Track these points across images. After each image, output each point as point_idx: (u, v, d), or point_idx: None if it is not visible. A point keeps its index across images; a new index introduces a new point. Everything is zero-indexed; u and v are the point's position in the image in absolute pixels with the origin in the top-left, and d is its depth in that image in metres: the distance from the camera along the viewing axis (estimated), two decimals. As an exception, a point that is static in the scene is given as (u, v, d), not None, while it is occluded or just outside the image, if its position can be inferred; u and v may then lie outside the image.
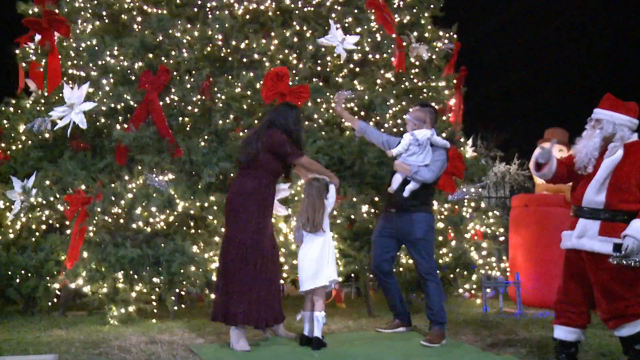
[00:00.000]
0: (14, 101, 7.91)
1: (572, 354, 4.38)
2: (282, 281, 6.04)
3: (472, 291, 7.72)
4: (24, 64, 8.15)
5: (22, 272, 6.71)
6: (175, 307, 6.29)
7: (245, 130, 6.72)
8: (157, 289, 6.15)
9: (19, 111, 7.73)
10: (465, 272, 7.56)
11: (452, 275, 7.46)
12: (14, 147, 7.58)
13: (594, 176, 4.20)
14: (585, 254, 4.22)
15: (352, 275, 6.83)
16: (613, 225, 4.08)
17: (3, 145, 7.70)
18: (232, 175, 6.40)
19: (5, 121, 7.69)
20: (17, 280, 6.73)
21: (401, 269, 6.64)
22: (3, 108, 7.80)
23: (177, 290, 6.27)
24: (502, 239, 8.09)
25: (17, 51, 8.11)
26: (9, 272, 6.80)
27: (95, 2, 7.70)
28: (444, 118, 7.91)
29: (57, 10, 7.41)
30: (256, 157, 4.99)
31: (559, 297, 4.48)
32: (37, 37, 7.56)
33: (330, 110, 7.03)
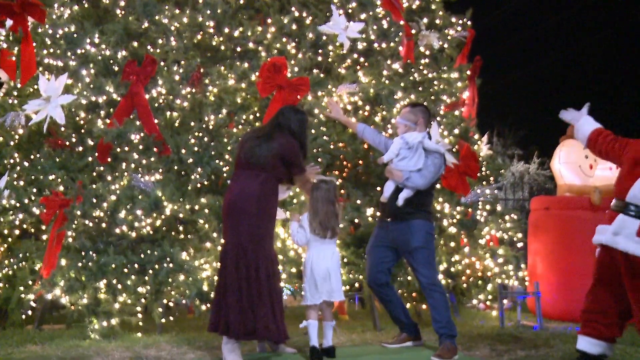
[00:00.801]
0: (-17, 94, 7.91)
1: None
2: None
3: (488, 302, 7.72)
4: (-6, 53, 8.15)
5: (-6, 281, 6.73)
6: (163, 320, 6.29)
7: (240, 127, 6.75)
8: (142, 300, 6.16)
9: (-10, 104, 7.72)
10: (479, 282, 7.58)
11: (465, 285, 7.49)
12: (-16, 144, 7.60)
13: None
14: (620, 256, 4.19)
15: (356, 284, 6.85)
16: None
17: (-28, 142, 7.74)
18: (224, 175, 6.43)
19: (-25, 116, 7.69)
20: (-12, 291, 6.76)
21: (409, 278, 6.66)
22: (-28, 102, 7.79)
23: (165, 301, 6.28)
24: (520, 245, 8.11)
25: (-13, 38, 8.10)
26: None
27: (74, -16, 7.70)
28: (457, 113, 7.93)
29: (31, -6, 7.41)
30: (267, 159, 5.05)
31: (586, 304, 4.48)
32: (9, 22, 7.54)
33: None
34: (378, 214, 6.82)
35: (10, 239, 7.14)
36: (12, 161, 7.25)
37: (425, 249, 5.36)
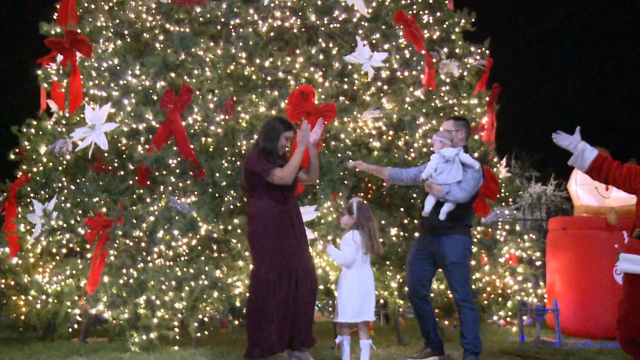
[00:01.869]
0: (35, 122, 7.98)
1: None
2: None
3: (508, 318, 7.58)
4: (45, 85, 8.25)
5: (43, 297, 6.76)
6: (198, 334, 6.25)
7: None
8: (179, 315, 6.15)
9: (40, 132, 7.81)
10: (499, 299, 7.44)
11: (486, 302, 7.35)
12: (35, 169, 7.69)
13: None
14: None
15: (381, 300, 6.75)
16: None
17: (24, 167, 7.84)
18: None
19: (26, 143, 7.80)
20: (38, 306, 6.79)
21: (432, 295, 6.55)
22: (24, 129, 7.89)
23: (200, 316, 6.25)
24: (538, 263, 7.96)
25: (39, 72, 8.20)
26: (30, 297, 6.88)
27: (117, 21, 7.80)
28: (476, 137, 7.84)
29: (79, 30, 7.51)
30: (243, 182, 5.08)
31: (622, 334, 4.30)
32: (59, 57, 7.68)
33: (358, 130, 7.03)
34: (403, 234, 6.77)
35: (58, 257, 7.17)
36: (60, 185, 7.33)
37: (461, 264, 5.21)
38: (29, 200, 7.42)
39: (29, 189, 7.56)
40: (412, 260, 5.52)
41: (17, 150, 7.98)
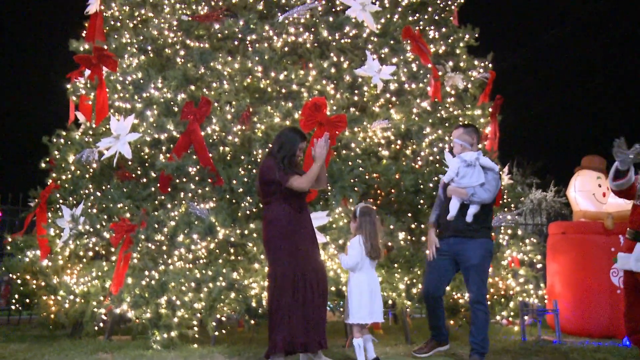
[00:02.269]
0: (64, 133, 8.06)
1: None
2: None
3: (510, 318, 7.53)
4: (74, 98, 8.34)
5: (71, 297, 6.79)
6: (216, 333, 6.25)
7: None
8: (198, 315, 6.15)
9: (69, 142, 7.86)
10: (502, 299, 7.39)
11: (489, 303, 7.28)
12: (63, 177, 7.74)
13: None
14: None
15: (390, 301, 6.72)
16: None
17: (54, 175, 7.89)
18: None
19: (56, 152, 7.85)
20: (66, 305, 6.82)
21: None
22: (54, 140, 7.96)
23: (218, 316, 6.24)
24: (539, 266, 7.90)
25: (68, 86, 8.31)
26: (59, 297, 6.91)
27: (141, 37, 7.84)
28: (480, 146, 7.80)
29: (105, 47, 7.57)
30: (259, 189, 5.06)
31: (629, 325, 4.32)
32: (87, 72, 7.73)
33: (367, 139, 7.01)
34: (411, 238, 6.73)
35: (84, 260, 7.20)
36: (86, 191, 7.35)
37: (482, 267, 5.08)
38: (58, 206, 7.47)
39: (58, 195, 7.62)
40: (434, 260, 5.32)
41: (47, 159, 8.06)
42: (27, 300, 7.79)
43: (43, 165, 8.09)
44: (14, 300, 8.17)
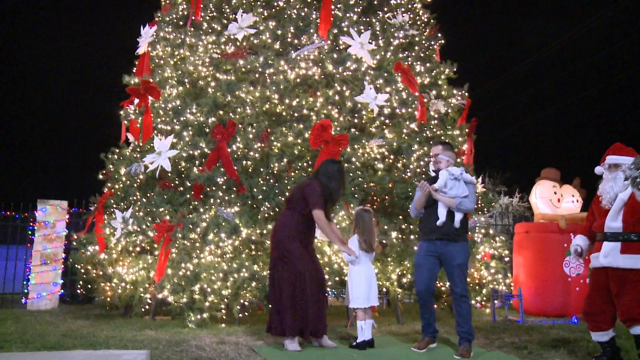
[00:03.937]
0: (117, 150, 8.10)
1: (611, 348, 4.22)
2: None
3: (483, 302, 7.46)
4: (125, 122, 8.41)
5: (122, 284, 6.81)
6: (240, 315, 6.19)
7: (296, 172, 6.64)
8: (225, 300, 6.07)
9: (121, 158, 7.89)
10: (477, 287, 7.37)
11: (466, 290, 7.18)
12: (116, 186, 7.76)
13: (610, 208, 4.15)
14: (610, 270, 4.08)
15: (384, 289, 6.59)
16: (630, 244, 4.00)
17: (109, 184, 7.90)
18: (285, 207, 6.32)
19: (110, 166, 7.89)
20: (119, 291, 6.86)
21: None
22: (109, 156, 7.99)
23: (242, 301, 6.18)
24: (507, 259, 7.80)
25: (121, 112, 8.40)
26: (113, 284, 6.91)
27: (179, 72, 7.84)
28: (458, 160, 7.69)
29: (151, 80, 7.56)
30: (292, 197, 4.93)
31: (585, 309, 4.25)
32: (136, 100, 7.74)
33: (365, 155, 6.91)
34: (401, 236, 6.61)
35: (133, 254, 7.16)
36: (135, 198, 7.36)
37: (464, 266, 4.83)
38: (112, 210, 7.50)
39: (112, 201, 7.65)
40: (423, 258, 4.94)
41: (103, 171, 8.09)
42: (89, 286, 7.90)
43: (100, 176, 8.13)
44: (78, 286, 8.24)
